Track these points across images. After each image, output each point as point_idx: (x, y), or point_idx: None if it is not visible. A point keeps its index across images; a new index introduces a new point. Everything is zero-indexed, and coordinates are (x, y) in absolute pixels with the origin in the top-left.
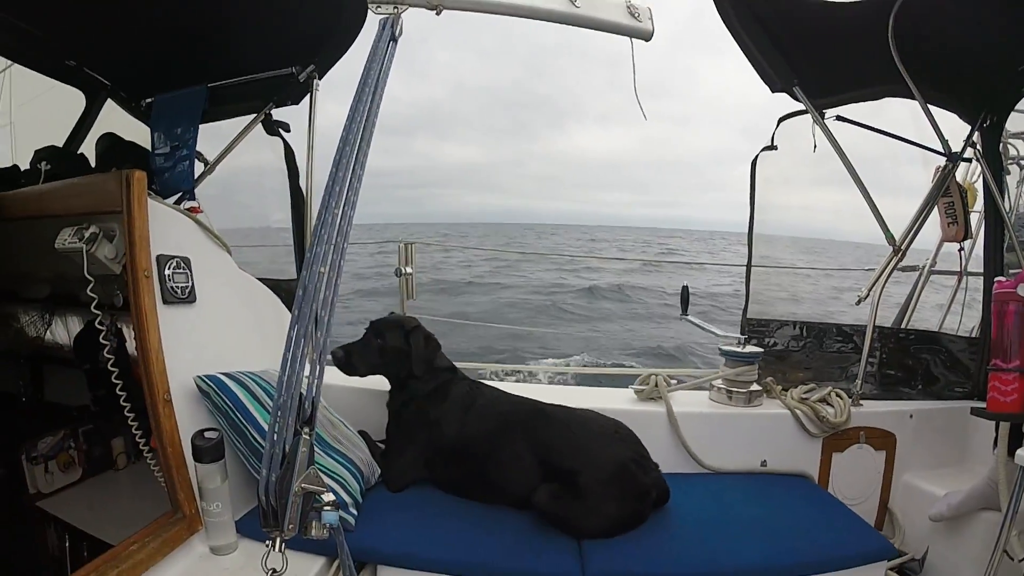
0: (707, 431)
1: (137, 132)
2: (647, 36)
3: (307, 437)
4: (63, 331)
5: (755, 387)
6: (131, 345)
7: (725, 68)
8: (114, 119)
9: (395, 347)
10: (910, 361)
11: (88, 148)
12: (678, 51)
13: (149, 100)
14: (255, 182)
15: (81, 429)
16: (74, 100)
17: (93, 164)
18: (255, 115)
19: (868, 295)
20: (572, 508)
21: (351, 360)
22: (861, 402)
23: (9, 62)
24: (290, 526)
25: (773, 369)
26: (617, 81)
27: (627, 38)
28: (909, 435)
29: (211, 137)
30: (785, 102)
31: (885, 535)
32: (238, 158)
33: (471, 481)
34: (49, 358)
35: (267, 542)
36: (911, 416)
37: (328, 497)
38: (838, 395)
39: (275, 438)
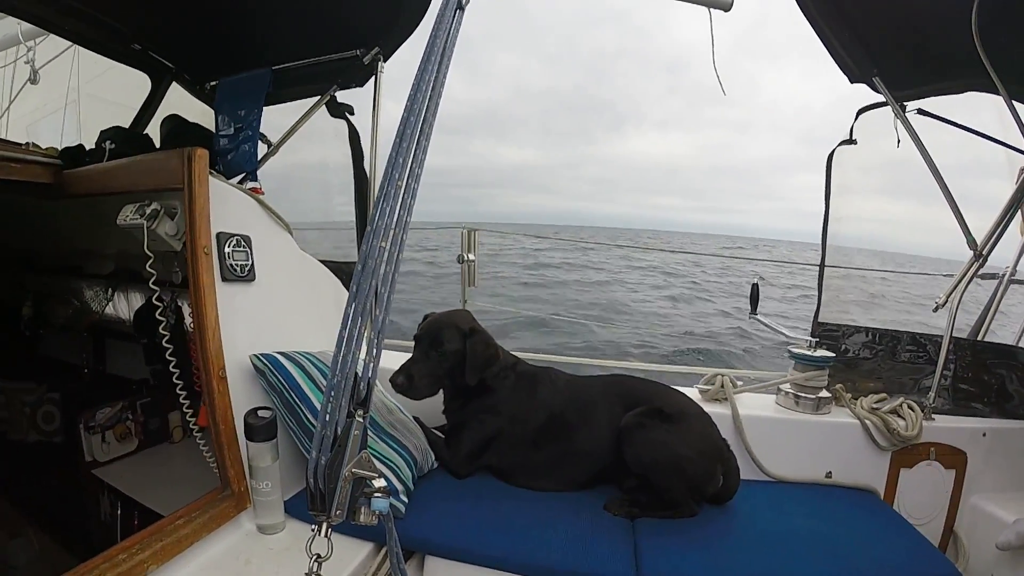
0: (772, 437)
1: (201, 115)
2: (726, 7)
3: (360, 420)
4: (124, 306)
5: (824, 393)
6: (189, 322)
7: (786, 76)
8: (179, 101)
9: (457, 350)
10: (985, 376)
11: (153, 131)
12: (739, 57)
13: (213, 83)
14: (319, 178)
15: (139, 401)
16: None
17: (158, 145)
18: (319, 97)
19: (946, 302)
20: (660, 428)
21: (414, 383)
22: (933, 416)
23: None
24: (337, 511)
25: (842, 376)
26: (677, 86)
27: (704, 13)
28: (981, 455)
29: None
30: (842, 112)
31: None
32: (303, 154)
33: (540, 465)
34: (111, 332)
35: (313, 526)
36: (984, 435)
37: (379, 483)
38: (910, 407)
39: (327, 420)
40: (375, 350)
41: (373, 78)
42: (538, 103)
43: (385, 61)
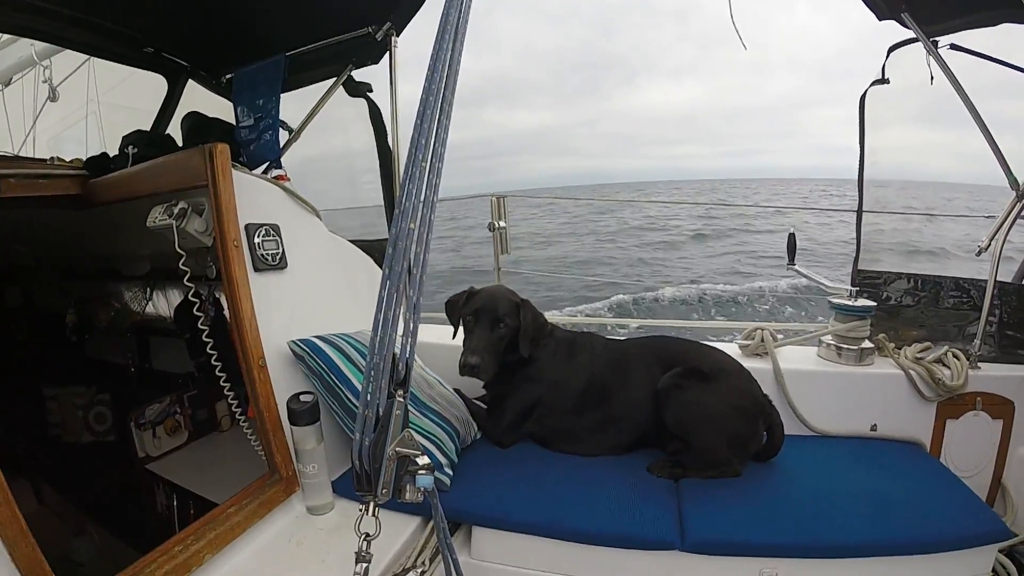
0: (815, 391)
1: (221, 108)
2: None
3: (401, 400)
4: (164, 304)
5: (867, 344)
6: (228, 313)
7: (797, 13)
8: (197, 98)
9: (515, 324)
10: None
11: (174, 130)
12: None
13: (229, 76)
14: (344, 164)
15: (186, 395)
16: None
17: (180, 144)
18: (335, 79)
19: (989, 245)
20: (697, 387)
21: (484, 364)
22: (979, 365)
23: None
24: (383, 491)
25: (885, 326)
26: (687, 33)
27: None
28: None
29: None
30: (855, 42)
31: (996, 512)
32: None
33: (582, 430)
34: (154, 330)
35: (361, 506)
36: None
37: (423, 460)
38: (955, 356)
39: (368, 401)
40: (411, 330)
41: (388, 54)
42: (548, 64)
43: (398, 35)
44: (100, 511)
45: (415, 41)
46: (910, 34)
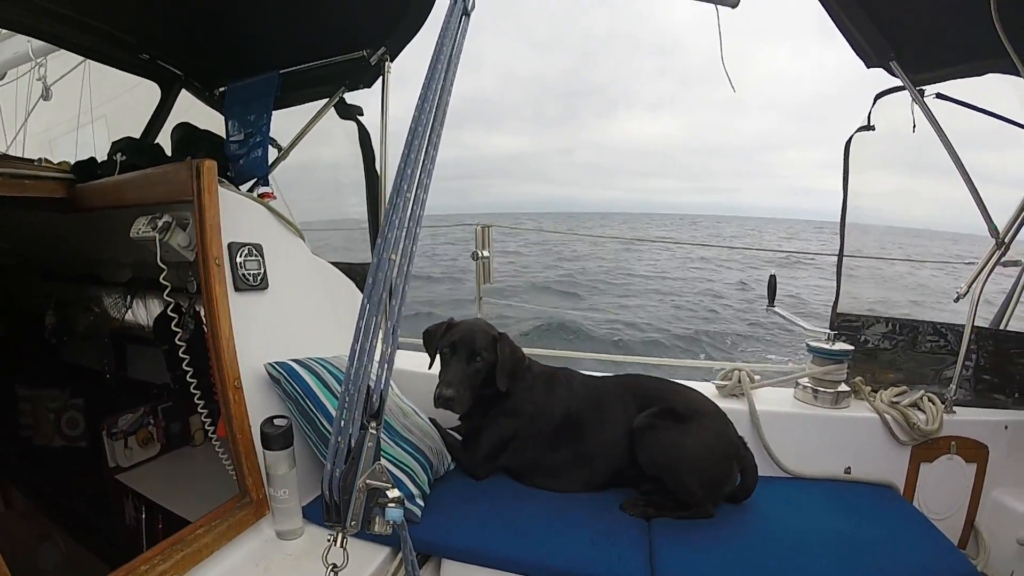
0: (790, 432)
1: (212, 120)
2: (733, 3)
3: (373, 432)
4: (144, 312)
5: (843, 387)
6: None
7: (777, 57)
8: (189, 109)
9: (491, 360)
10: (1008, 366)
11: (164, 139)
12: (728, 37)
13: (222, 88)
14: (331, 177)
15: (161, 406)
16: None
17: (169, 154)
18: (328, 99)
19: (968, 291)
20: (672, 428)
21: (460, 397)
22: (954, 409)
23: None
24: (352, 522)
25: (862, 368)
26: (668, 68)
27: (710, 6)
28: (1003, 448)
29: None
30: (833, 91)
31: (969, 555)
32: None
33: (556, 465)
34: (132, 337)
35: (329, 537)
36: (1006, 427)
37: (393, 493)
38: (930, 400)
39: (340, 432)
40: (387, 361)
41: (381, 78)
42: (529, 90)
43: (392, 60)
44: (67, 518)
45: (404, 58)
46: (896, 82)
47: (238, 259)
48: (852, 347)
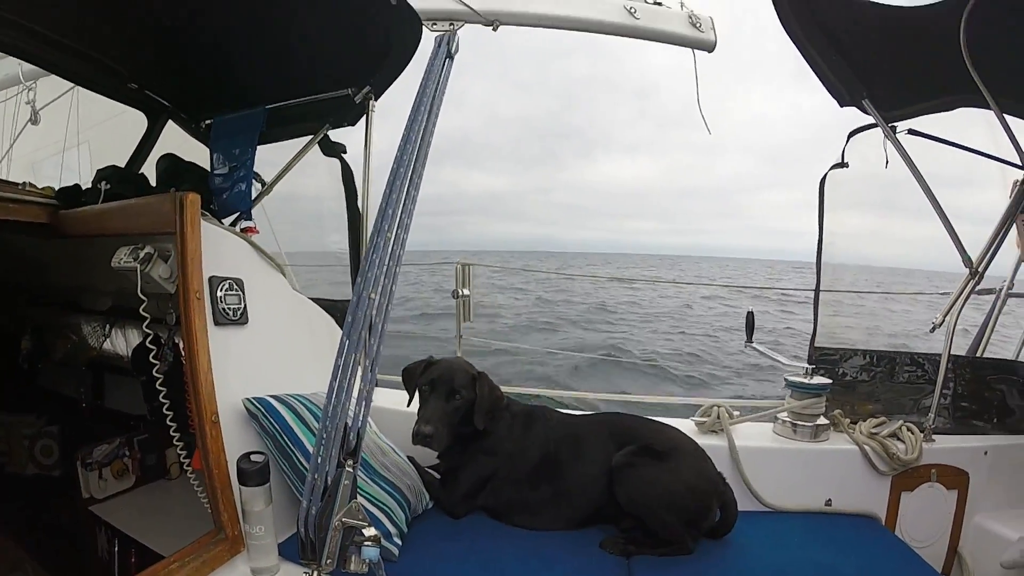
0: (770, 467)
1: (197, 153)
2: (710, 47)
3: (350, 470)
4: (122, 342)
5: (822, 420)
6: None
7: (751, 102)
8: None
9: (470, 399)
10: (986, 392)
11: (149, 169)
12: (704, 80)
13: (209, 121)
14: (314, 208)
15: (137, 438)
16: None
17: (154, 184)
18: (312, 136)
19: (943, 321)
20: (650, 465)
21: (438, 435)
22: (933, 437)
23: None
24: (328, 560)
25: (841, 400)
26: (646, 111)
27: (687, 51)
28: (983, 473)
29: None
30: (808, 134)
31: None
32: (298, 183)
33: (535, 503)
34: (110, 367)
35: (304, 574)
36: (986, 453)
37: (370, 531)
38: (909, 430)
39: (317, 470)
40: (365, 399)
41: (365, 116)
42: (510, 130)
43: (377, 99)
44: (39, 548)
45: (388, 91)
46: (869, 119)
47: (219, 293)
48: (830, 380)
